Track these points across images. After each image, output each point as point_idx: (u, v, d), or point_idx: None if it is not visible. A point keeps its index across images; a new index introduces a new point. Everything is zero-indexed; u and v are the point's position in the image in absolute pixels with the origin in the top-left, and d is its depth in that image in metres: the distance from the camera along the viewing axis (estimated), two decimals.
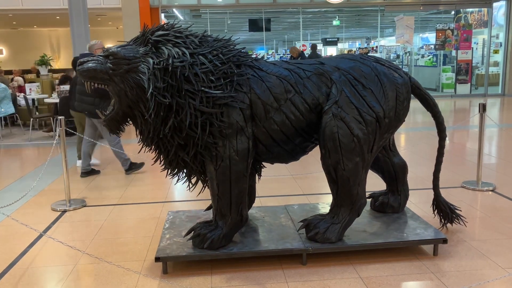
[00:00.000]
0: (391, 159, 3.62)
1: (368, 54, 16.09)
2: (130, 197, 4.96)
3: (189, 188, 3.31)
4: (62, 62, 20.41)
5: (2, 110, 8.97)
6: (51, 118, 8.96)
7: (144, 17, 12.71)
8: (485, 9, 14.82)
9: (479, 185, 4.90)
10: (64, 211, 4.52)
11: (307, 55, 12.86)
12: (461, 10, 15.42)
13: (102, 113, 3.05)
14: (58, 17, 15.50)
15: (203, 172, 3.16)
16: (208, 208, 3.67)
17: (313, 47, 13.31)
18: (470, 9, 15.43)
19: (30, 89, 10.25)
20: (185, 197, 4.96)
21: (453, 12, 15.80)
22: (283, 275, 3.06)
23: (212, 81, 2.87)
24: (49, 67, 14.71)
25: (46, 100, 9.64)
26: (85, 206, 4.67)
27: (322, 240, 3.17)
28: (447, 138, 3.57)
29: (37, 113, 10.09)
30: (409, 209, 3.83)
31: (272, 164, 3.42)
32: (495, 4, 14.55)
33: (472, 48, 14.68)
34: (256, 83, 3.03)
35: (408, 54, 18.16)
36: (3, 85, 9.11)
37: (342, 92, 3.05)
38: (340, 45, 22.50)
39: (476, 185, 4.92)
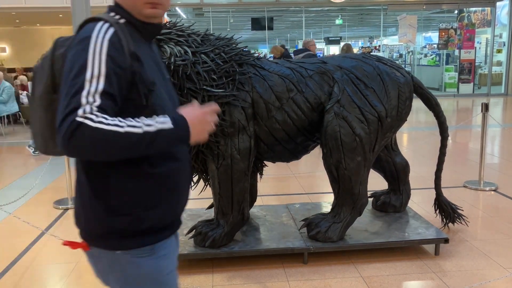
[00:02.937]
0: (393, 158, 3.62)
1: (371, 53, 16.05)
2: None
3: (191, 187, 3.31)
4: None
5: (5, 108, 8.98)
6: None
7: None
8: (489, 8, 14.78)
9: (481, 185, 4.89)
10: (66, 209, 4.53)
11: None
12: (464, 9, 15.38)
13: None
14: (61, 16, 15.51)
15: (204, 170, 3.17)
16: (210, 207, 3.68)
17: (282, 47, 13.29)
18: (473, 9, 15.39)
19: None
20: None
21: (456, 12, 15.77)
22: (284, 274, 3.06)
23: (214, 79, 2.87)
24: None
25: None
26: None
27: (324, 239, 3.17)
28: (449, 138, 3.57)
29: None
30: (410, 209, 3.83)
31: (274, 163, 3.42)
32: (498, 4, 14.50)
33: (475, 47, 14.64)
34: (258, 82, 3.03)
35: (410, 53, 18.14)
36: (8, 84, 9.12)
37: (344, 91, 3.05)
38: (342, 44, 22.48)
39: (478, 184, 4.91)
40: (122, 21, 1.35)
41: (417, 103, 3.64)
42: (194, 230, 3.23)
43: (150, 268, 1.38)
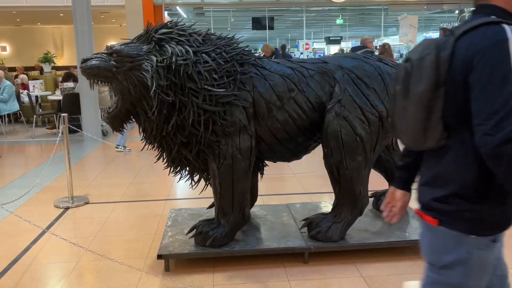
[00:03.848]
0: (393, 158, 3.62)
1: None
2: (133, 194, 4.97)
3: (192, 186, 3.31)
4: (65, 59, 20.44)
5: (6, 107, 8.99)
6: (54, 115, 8.98)
7: (147, 15, 12.72)
8: None
9: None
10: (67, 208, 4.53)
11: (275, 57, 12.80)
12: (465, 9, 15.37)
13: (105, 111, 3.05)
14: (61, 15, 15.51)
15: (205, 170, 3.17)
16: (211, 206, 3.68)
17: (283, 47, 13.29)
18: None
19: (34, 86, 10.27)
20: (188, 195, 4.97)
21: (457, 12, 15.76)
22: (285, 273, 3.06)
23: (215, 79, 2.87)
24: (53, 64, 14.74)
25: (50, 97, 9.66)
26: (87, 203, 4.68)
27: (324, 239, 3.17)
28: None
29: (40, 110, 10.11)
30: (411, 209, 3.82)
31: (275, 162, 3.42)
32: None
33: None
34: (259, 82, 3.03)
35: None
36: (9, 83, 9.12)
37: (345, 91, 3.04)
38: (343, 44, 22.47)
39: None
40: None
41: None
42: (194, 230, 3.23)
43: (492, 255, 1.45)
